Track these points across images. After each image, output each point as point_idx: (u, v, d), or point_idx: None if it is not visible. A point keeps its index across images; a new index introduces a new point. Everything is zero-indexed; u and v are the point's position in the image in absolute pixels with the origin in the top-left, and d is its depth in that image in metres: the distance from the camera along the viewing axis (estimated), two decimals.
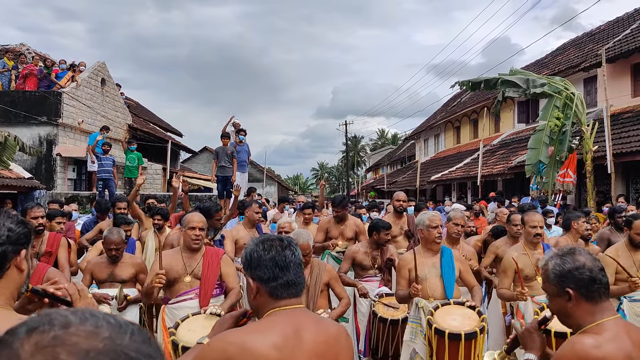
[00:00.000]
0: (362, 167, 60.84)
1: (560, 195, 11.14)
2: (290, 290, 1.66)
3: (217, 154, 10.67)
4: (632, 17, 17.03)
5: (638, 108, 13.19)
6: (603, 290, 1.75)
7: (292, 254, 1.70)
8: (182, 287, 3.67)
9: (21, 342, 0.59)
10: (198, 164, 31.33)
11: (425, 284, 3.83)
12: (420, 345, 3.67)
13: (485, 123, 22.06)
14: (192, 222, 3.74)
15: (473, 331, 3.31)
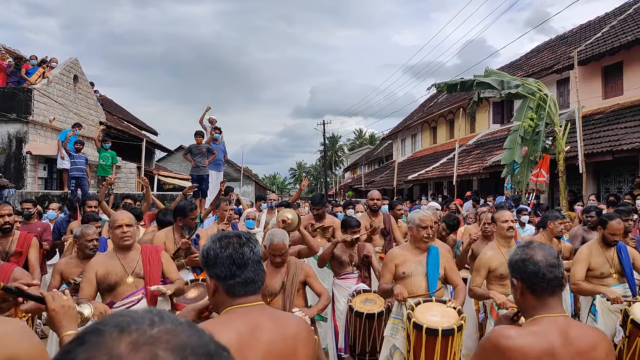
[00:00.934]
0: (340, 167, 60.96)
1: (534, 194, 11.33)
2: (248, 288, 1.63)
3: (190, 151, 10.54)
4: (603, 21, 17.42)
5: (608, 110, 13.49)
6: (547, 286, 1.77)
7: (251, 251, 1.67)
8: (126, 289, 3.55)
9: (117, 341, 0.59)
10: (174, 163, 30.89)
11: (410, 281, 3.87)
12: (400, 340, 3.69)
13: (461, 123, 22.31)
14: (117, 220, 3.63)
15: (451, 328, 3.33)
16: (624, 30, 13.77)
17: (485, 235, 5.27)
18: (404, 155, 30.94)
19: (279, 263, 3.83)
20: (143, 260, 3.62)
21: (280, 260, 3.80)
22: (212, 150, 10.82)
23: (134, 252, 3.64)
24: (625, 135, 10.85)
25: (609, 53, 13.33)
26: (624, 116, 12.16)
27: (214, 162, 10.94)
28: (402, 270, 3.91)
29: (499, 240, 4.46)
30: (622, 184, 12.15)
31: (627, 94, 13.31)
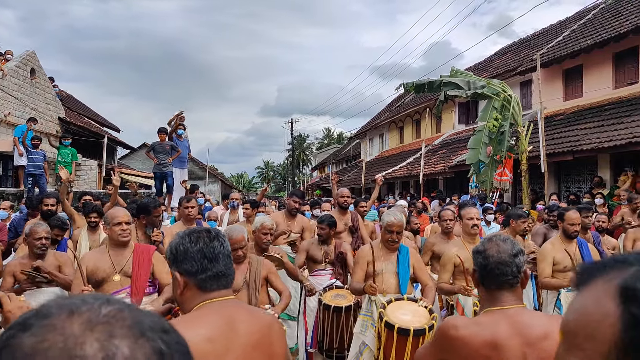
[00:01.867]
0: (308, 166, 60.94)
1: (498, 193, 11.53)
2: (221, 282, 1.61)
3: (153, 149, 10.30)
4: (563, 25, 17.90)
5: (569, 111, 13.86)
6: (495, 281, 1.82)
7: (221, 245, 1.65)
8: (112, 287, 3.48)
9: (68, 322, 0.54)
10: (137, 161, 30.16)
11: (380, 279, 3.88)
12: (370, 337, 3.69)
13: (428, 123, 22.57)
14: (117, 217, 3.58)
15: (422, 328, 3.34)
16: (583, 35, 14.17)
17: (445, 232, 5.34)
18: (372, 154, 31.13)
19: (240, 257, 3.75)
20: (134, 259, 3.57)
21: (241, 254, 3.72)
22: (176, 148, 10.62)
23: (127, 250, 3.60)
24: (585, 136, 11.15)
25: (569, 56, 13.69)
26: (584, 117, 12.51)
27: (177, 159, 10.74)
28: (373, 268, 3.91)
29: (464, 236, 4.50)
30: (582, 184, 12.50)
31: (586, 96, 13.70)
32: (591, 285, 0.57)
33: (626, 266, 0.55)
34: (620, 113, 11.22)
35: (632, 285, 0.51)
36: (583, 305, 0.56)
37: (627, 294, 0.51)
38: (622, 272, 0.54)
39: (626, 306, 0.50)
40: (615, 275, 0.54)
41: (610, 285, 0.54)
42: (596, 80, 13.41)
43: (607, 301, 0.52)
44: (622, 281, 0.52)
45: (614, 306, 0.51)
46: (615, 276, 0.54)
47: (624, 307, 0.50)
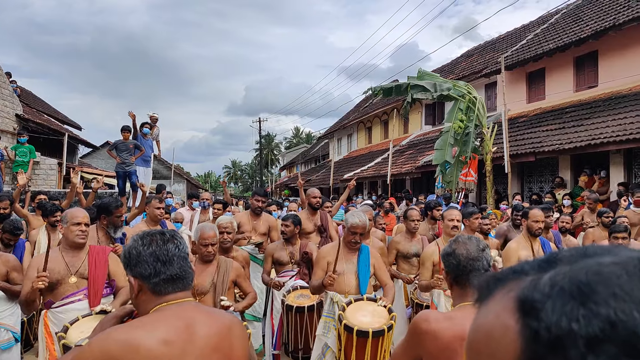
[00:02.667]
0: (276, 165, 60.70)
1: (463, 193, 11.70)
2: (177, 285, 1.57)
3: (116, 147, 10.07)
4: (527, 29, 18.33)
5: (532, 113, 14.18)
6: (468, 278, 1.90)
7: (176, 247, 1.61)
8: (68, 289, 3.37)
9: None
10: (99, 160, 29.36)
11: (341, 279, 3.87)
12: (332, 339, 3.67)
13: (395, 124, 22.78)
14: (76, 217, 3.49)
15: (381, 329, 3.35)
16: (546, 39, 14.53)
17: (410, 232, 5.41)
18: (340, 154, 31.23)
19: (210, 255, 3.70)
20: (89, 260, 3.48)
21: (211, 250, 3.68)
22: (140, 147, 10.39)
23: (82, 251, 3.50)
24: (547, 138, 11.42)
25: (532, 60, 14.02)
26: (546, 119, 12.82)
27: (141, 158, 10.53)
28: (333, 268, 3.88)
29: (444, 237, 4.61)
30: (544, 184, 12.82)
31: (548, 99, 14.06)
32: (491, 300, 0.53)
33: (523, 276, 0.51)
34: (581, 115, 11.55)
35: (529, 297, 0.47)
36: (483, 322, 0.52)
37: (525, 306, 0.47)
38: (519, 283, 0.50)
39: (525, 320, 0.46)
40: (512, 287, 0.51)
41: (509, 298, 0.50)
42: (558, 84, 13.77)
43: (506, 316, 0.48)
44: (519, 293, 0.49)
45: (513, 321, 0.47)
46: (513, 288, 0.50)
47: (523, 321, 0.46)
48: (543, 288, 0.47)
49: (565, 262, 0.50)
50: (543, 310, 0.45)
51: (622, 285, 0.44)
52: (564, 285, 0.46)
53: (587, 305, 0.43)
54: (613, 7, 12.64)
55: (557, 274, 0.48)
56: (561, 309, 0.44)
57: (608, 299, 0.43)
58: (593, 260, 0.48)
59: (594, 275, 0.45)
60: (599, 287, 0.44)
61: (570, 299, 0.44)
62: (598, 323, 0.42)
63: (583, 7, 15.08)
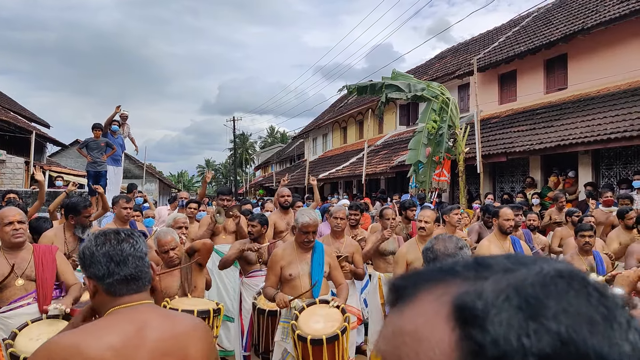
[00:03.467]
0: (251, 165, 60.35)
1: (436, 193, 11.82)
2: (131, 286, 1.53)
3: (87, 145, 9.85)
4: (499, 31, 18.63)
5: (504, 114, 14.42)
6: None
7: (132, 246, 1.56)
8: (15, 293, 3.20)
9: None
10: (68, 159, 28.68)
11: (297, 283, 3.79)
12: (291, 344, 3.60)
13: (370, 124, 22.89)
14: (6, 217, 3.30)
15: (334, 334, 3.33)
16: (517, 41, 14.79)
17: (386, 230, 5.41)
18: (315, 154, 31.22)
19: (173, 260, 3.63)
20: (35, 261, 3.30)
21: (173, 255, 3.62)
22: (112, 145, 10.18)
23: (25, 251, 3.32)
24: (518, 139, 11.62)
25: (504, 62, 14.25)
26: (517, 121, 13.04)
27: (111, 157, 10.31)
28: (289, 272, 3.82)
29: (417, 237, 4.66)
30: (515, 184, 13.04)
31: (520, 100, 14.31)
32: (415, 303, 0.46)
33: (454, 278, 0.46)
34: (551, 117, 11.79)
35: (470, 304, 0.42)
36: (408, 327, 0.45)
37: (465, 314, 0.41)
38: (451, 285, 0.45)
39: (465, 330, 0.41)
40: (444, 291, 0.45)
41: (441, 303, 0.44)
42: (529, 85, 14.04)
43: (439, 323, 0.42)
44: (456, 298, 0.43)
45: (448, 330, 0.42)
46: (445, 292, 0.45)
47: (463, 332, 0.41)
48: (486, 296, 0.42)
49: (500, 268, 0.46)
50: (487, 321, 0.40)
51: (571, 301, 0.41)
52: (511, 296, 0.42)
53: (537, 319, 0.40)
54: (582, 11, 12.94)
55: (499, 281, 0.43)
56: (509, 321, 0.40)
57: (559, 315, 0.40)
58: (531, 269, 0.45)
59: (541, 288, 0.42)
60: (549, 302, 0.41)
61: (519, 311, 0.40)
62: (549, 340, 0.39)
63: (553, 11, 15.40)
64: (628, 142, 8.73)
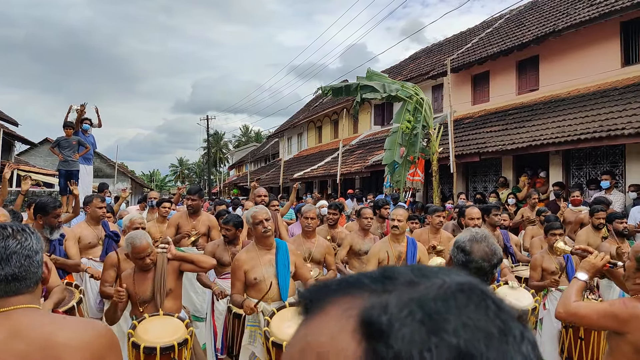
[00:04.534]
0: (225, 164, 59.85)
1: (410, 192, 11.91)
2: (10, 287, 1.42)
3: (59, 144, 9.63)
4: (472, 33, 18.87)
5: (477, 115, 14.61)
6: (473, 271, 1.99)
7: (19, 243, 1.46)
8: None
9: None
10: (37, 157, 28.04)
11: (264, 286, 3.67)
12: (259, 348, 3.54)
13: (345, 124, 22.93)
14: None
15: None
16: (490, 42, 15.00)
17: (364, 230, 5.40)
18: (290, 153, 31.13)
19: (148, 265, 3.53)
20: None
21: (148, 261, 3.51)
22: (84, 144, 9.97)
23: None
24: (491, 139, 11.78)
25: (477, 62, 14.44)
26: (490, 121, 13.22)
27: (83, 155, 10.09)
28: (253, 276, 3.71)
29: (390, 235, 4.68)
30: (488, 183, 13.22)
31: (492, 101, 14.52)
32: (321, 317, 0.46)
33: (361, 291, 0.47)
34: (523, 118, 11.98)
35: (376, 319, 0.43)
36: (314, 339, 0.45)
37: (370, 329, 0.43)
38: (357, 298, 0.46)
39: (370, 344, 0.42)
40: (351, 304, 0.45)
41: (348, 317, 0.44)
42: (501, 86, 14.25)
43: (346, 338, 0.43)
44: (363, 313, 0.44)
45: (354, 344, 0.42)
46: (352, 305, 0.45)
47: (368, 346, 0.42)
48: (391, 311, 0.43)
49: (404, 280, 0.47)
50: (392, 335, 0.42)
51: (470, 315, 0.43)
52: (414, 310, 0.43)
53: (438, 334, 0.41)
54: (553, 14, 13.20)
55: (402, 296, 0.45)
56: (412, 336, 0.41)
57: (458, 329, 0.42)
58: (433, 282, 0.47)
59: (443, 302, 0.44)
60: (450, 316, 0.43)
61: (421, 326, 0.42)
62: (449, 354, 0.40)
63: (525, 13, 15.67)
64: (597, 143, 8.93)
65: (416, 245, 4.67)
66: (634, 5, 9.99)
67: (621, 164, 9.74)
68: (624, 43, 10.96)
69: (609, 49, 11.14)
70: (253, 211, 3.87)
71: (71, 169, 9.56)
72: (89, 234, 5.42)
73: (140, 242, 3.49)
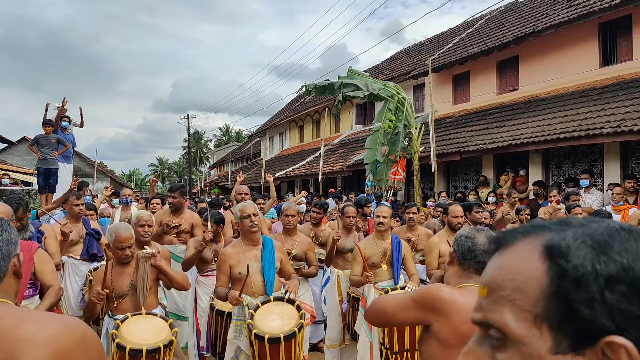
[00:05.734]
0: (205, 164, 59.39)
1: (392, 191, 11.96)
2: None
3: (37, 142, 9.48)
4: (454, 33, 19.02)
5: (457, 114, 14.73)
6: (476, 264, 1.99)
7: None
8: None
9: None
10: (15, 156, 27.57)
11: (248, 280, 3.70)
12: (244, 342, 3.56)
13: (327, 123, 22.92)
14: None
15: (292, 332, 3.31)
16: (471, 43, 15.13)
17: (347, 228, 5.41)
18: (272, 152, 31.02)
19: (128, 257, 3.51)
20: None
21: (129, 253, 3.50)
22: (64, 142, 9.84)
23: None
24: (472, 138, 11.89)
25: (458, 62, 14.55)
26: (471, 120, 13.34)
27: (62, 153, 9.96)
28: (238, 270, 3.74)
29: (375, 233, 4.68)
30: (468, 182, 13.34)
31: (473, 101, 14.65)
32: (514, 246, 0.65)
33: (543, 230, 0.64)
34: (503, 117, 12.12)
35: (557, 244, 0.60)
36: (509, 263, 0.64)
37: (552, 251, 0.60)
38: (540, 235, 0.63)
39: (552, 261, 0.59)
40: (536, 238, 0.63)
41: (535, 245, 0.62)
42: (482, 86, 14.39)
43: (534, 258, 0.61)
44: (547, 241, 0.61)
45: (540, 262, 0.60)
46: (537, 239, 0.63)
47: (550, 262, 0.59)
48: (569, 239, 0.60)
49: (577, 224, 0.64)
50: (570, 254, 0.59)
51: (631, 244, 0.59)
52: (586, 240, 0.60)
53: (606, 254, 0.58)
54: (533, 14, 13.37)
55: (576, 231, 0.61)
56: (585, 255, 0.58)
57: (621, 252, 0.58)
58: (600, 224, 0.62)
59: (608, 235, 0.60)
60: (614, 244, 0.59)
61: (592, 249, 0.58)
62: (614, 267, 0.57)
63: (505, 14, 15.85)
64: (576, 142, 9.07)
65: (400, 242, 4.69)
66: (612, 7, 10.18)
67: (600, 162, 9.92)
68: (602, 44, 11.16)
69: (587, 49, 11.33)
70: (241, 205, 3.89)
71: (50, 167, 9.45)
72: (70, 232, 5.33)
73: (124, 232, 3.49)
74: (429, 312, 1.87)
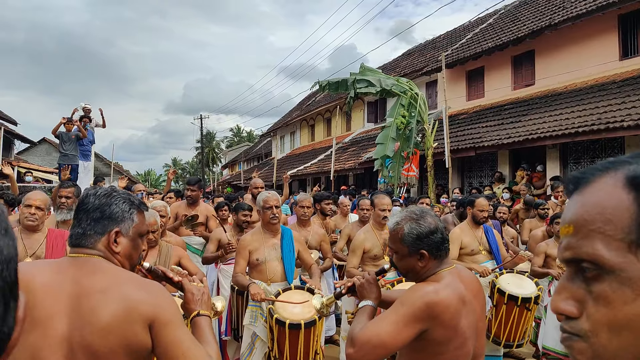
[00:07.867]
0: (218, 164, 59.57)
1: (405, 187, 11.74)
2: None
3: (60, 137, 9.73)
4: (467, 29, 18.75)
5: (471, 110, 14.47)
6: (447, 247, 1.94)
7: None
8: None
9: None
10: (36, 157, 28.36)
11: (264, 267, 3.79)
12: (260, 328, 3.61)
13: (338, 122, 22.76)
14: (28, 199, 3.50)
15: (312, 319, 3.32)
16: (485, 38, 14.86)
17: (362, 221, 5.38)
18: (283, 152, 30.94)
19: (152, 242, 3.60)
20: (47, 243, 3.53)
21: (152, 237, 3.57)
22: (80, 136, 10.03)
23: (40, 234, 3.57)
24: (486, 134, 11.64)
25: (472, 58, 14.28)
26: (485, 116, 13.09)
27: (81, 151, 10.17)
28: (256, 257, 3.83)
29: (373, 224, 4.52)
30: (483, 178, 13.08)
31: (487, 96, 14.38)
32: (595, 183, 0.64)
33: (621, 164, 0.63)
34: (518, 112, 11.85)
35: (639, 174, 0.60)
36: (593, 198, 0.63)
37: (637, 181, 0.60)
38: (619, 169, 0.63)
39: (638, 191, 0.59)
40: (616, 172, 0.63)
41: (617, 179, 0.62)
42: (496, 82, 14.10)
43: (618, 191, 0.61)
44: (630, 173, 0.61)
45: (625, 193, 0.60)
46: (617, 173, 0.62)
47: (636, 193, 0.59)
48: None
49: None
50: None
51: None
52: None
53: None
54: (549, 7, 13.07)
55: None
56: None
57: None
58: None
59: None
60: None
61: None
62: None
63: (520, 8, 15.56)
64: (596, 136, 8.79)
65: None
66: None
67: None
68: (622, 36, 10.84)
69: (606, 42, 11.01)
70: (265, 195, 3.96)
71: (71, 163, 9.59)
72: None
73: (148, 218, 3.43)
74: (428, 321, 1.79)
